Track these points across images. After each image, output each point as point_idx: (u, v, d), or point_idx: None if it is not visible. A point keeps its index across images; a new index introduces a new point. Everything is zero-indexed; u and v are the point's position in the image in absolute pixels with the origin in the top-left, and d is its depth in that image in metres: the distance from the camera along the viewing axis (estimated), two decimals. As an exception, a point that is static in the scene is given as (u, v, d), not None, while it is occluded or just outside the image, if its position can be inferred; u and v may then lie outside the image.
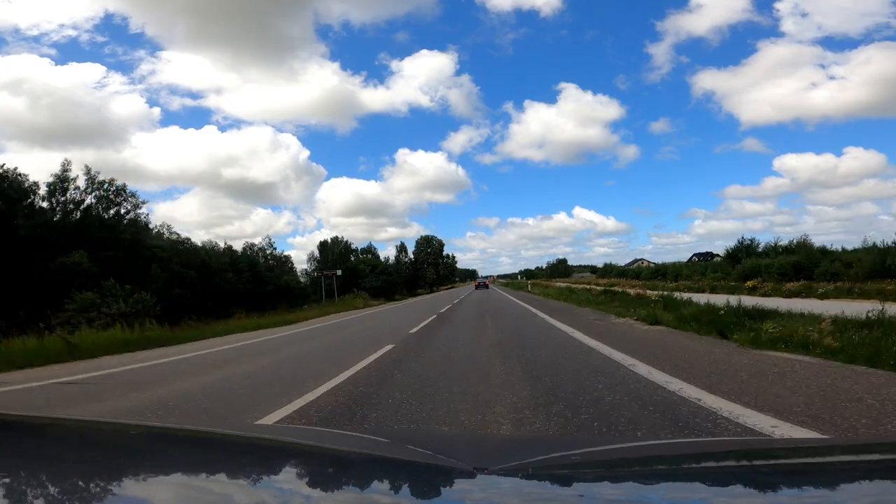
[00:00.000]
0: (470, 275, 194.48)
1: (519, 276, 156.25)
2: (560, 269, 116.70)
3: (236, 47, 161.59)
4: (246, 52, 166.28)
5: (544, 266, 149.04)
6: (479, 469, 0.86)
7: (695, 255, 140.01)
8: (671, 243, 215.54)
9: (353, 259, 67.32)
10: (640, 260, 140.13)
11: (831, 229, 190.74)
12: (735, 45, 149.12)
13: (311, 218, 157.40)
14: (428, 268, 78.46)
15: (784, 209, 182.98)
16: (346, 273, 57.54)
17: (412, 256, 79.87)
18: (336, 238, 68.80)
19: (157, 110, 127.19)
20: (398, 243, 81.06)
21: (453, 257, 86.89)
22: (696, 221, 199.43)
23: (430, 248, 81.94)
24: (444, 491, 0.78)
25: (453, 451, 1.08)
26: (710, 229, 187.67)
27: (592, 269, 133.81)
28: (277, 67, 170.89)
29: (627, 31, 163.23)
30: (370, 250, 71.81)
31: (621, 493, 0.76)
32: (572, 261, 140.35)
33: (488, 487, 0.78)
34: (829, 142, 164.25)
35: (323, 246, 68.51)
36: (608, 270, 64.39)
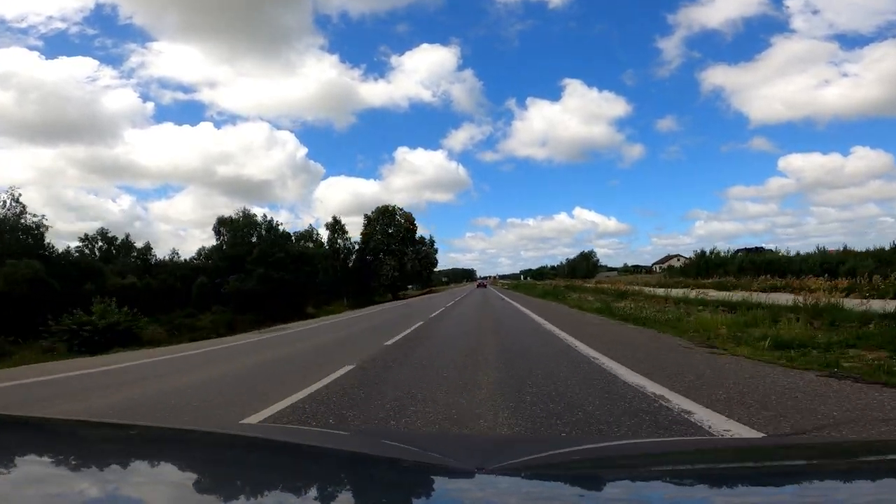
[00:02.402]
0: (467, 275, 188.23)
1: (523, 277, 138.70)
2: (584, 267, 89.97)
3: (230, 38, 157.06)
4: (240, 43, 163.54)
5: (553, 265, 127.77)
6: (478, 468, 0.84)
7: (739, 251, 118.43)
8: (672, 244, 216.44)
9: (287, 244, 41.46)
10: (675, 256, 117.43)
11: (832, 231, 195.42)
12: (748, 40, 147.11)
13: (310, 217, 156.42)
14: (386, 258, 51.77)
15: (787, 210, 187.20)
16: (227, 263, 31.81)
17: (360, 240, 53.17)
18: (247, 214, 42.76)
19: (150, 105, 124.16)
20: (331, 218, 50.99)
21: (432, 242, 59.88)
22: (697, 223, 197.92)
23: (390, 226, 54.65)
24: (442, 490, 0.77)
25: (451, 450, 1.07)
26: (710, 230, 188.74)
27: (608, 269, 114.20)
28: (273, 59, 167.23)
29: (637, 24, 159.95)
30: (309, 236, 45.85)
31: (621, 493, 0.76)
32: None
33: (486, 487, 0.77)
34: (839, 141, 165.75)
35: (229, 224, 42.47)
36: (708, 263, 37.45)
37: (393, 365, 6.35)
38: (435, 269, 60.34)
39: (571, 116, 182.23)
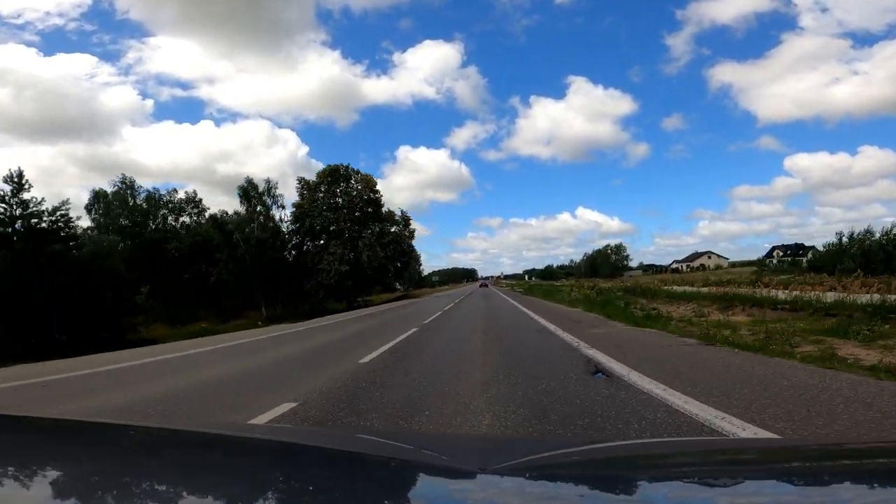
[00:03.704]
0: (468, 275, 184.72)
1: (528, 277, 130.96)
2: (607, 265, 75.26)
3: (229, 32, 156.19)
4: (239, 37, 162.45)
5: (557, 264, 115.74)
6: (480, 469, 0.86)
7: (775, 247, 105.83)
8: (675, 245, 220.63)
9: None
10: (706, 253, 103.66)
11: (837, 231, 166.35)
12: (758, 37, 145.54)
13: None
14: (333, 244, 33.62)
15: (793, 210, 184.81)
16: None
17: (289, 219, 34.56)
18: (130, 185, 29.15)
19: (149, 103, 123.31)
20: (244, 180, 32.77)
21: (406, 221, 38.97)
22: (701, 223, 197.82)
23: (344, 193, 36.07)
24: (445, 490, 0.78)
25: (453, 450, 1.08)
26: (714, 231, 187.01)
27: (629, 268, 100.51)
28: (274, 55, 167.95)
29: (645, 19, 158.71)
30: (251, 220, 31.90)
31: (623, 493, 0.76)
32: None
33: (489, 487, 0.78)
34: (847, 140, 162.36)
35: (103, 200, 28.87)
36: (891, 253, 22.47)
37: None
38: (413, 260, 42.44)
39: (576, 114, 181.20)
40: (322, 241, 33.49)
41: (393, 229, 36.78)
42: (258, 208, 30.84)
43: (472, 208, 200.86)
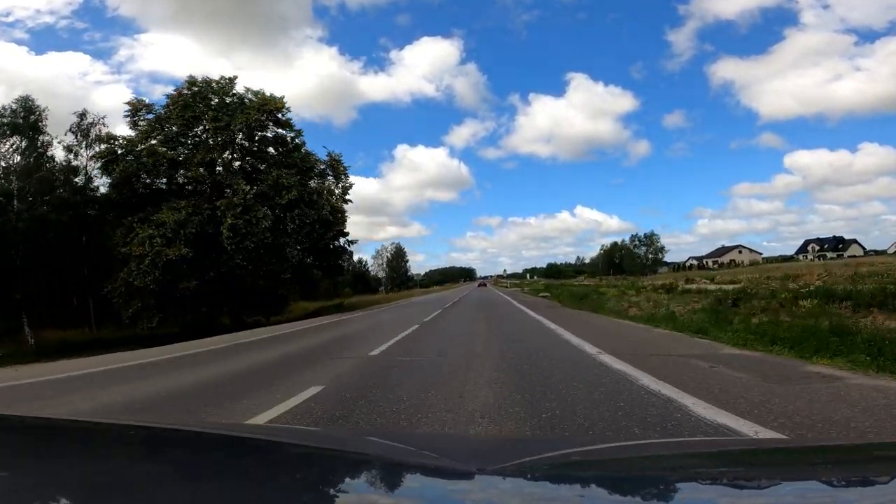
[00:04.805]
0: (466, 274, 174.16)
1: (528, 276, 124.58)
2: (633, 260, 62.81)
3: (224, 27, 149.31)
4: (235, 32, 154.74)
5: (557, 262, 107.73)
6: (478, 469, 0.86)
7: (810, 241, 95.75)
8: (674, 244, 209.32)
9: None
10: (736, 247, 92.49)
11: (836, 229, 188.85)
12: (762, 32, 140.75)
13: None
14: (164, 211, 15.98)
15: (793, 208, 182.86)
16: None
17: (101, 164, 18.24)
18: None
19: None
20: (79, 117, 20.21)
21: (338, 170, 20.81)
22: (700, 221, 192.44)
23: (213, 121, 18.23)
24: (443, 491, 0.78)
25: (452, 451, 1.07)
26: (714, 229, 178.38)
27: (639, 265, 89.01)
28: (270, 51, 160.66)
29: (648, 14, 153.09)
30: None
31: (621, 493, 0.76)
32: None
33: (488, 488, 0.79)
34: (848, 137, 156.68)
35: None
36: None
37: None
38: (352, 246, 24.39)
39: (577, 112, 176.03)
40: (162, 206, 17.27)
41: (312, 183, 20.22)
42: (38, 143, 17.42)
43: (472, 207, 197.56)
